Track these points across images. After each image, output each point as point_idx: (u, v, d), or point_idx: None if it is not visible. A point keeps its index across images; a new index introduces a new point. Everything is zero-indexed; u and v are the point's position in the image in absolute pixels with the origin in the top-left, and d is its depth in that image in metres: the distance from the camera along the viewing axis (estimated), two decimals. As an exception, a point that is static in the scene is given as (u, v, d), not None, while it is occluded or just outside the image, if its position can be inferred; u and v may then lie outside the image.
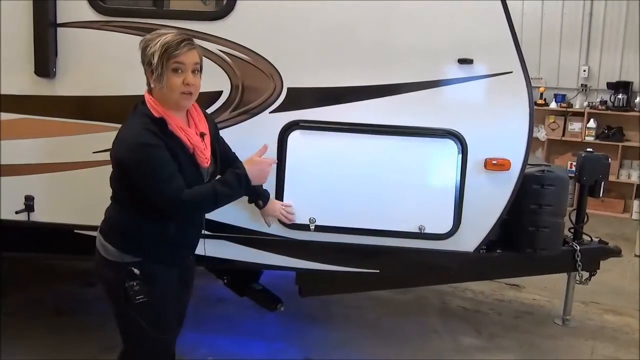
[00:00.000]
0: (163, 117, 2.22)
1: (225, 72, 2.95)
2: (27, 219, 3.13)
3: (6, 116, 3.09)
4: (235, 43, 2.93)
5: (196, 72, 2.26)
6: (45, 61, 2.96)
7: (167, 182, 2.18)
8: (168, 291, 2.41)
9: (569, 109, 7.91)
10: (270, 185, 2.99)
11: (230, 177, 2.32)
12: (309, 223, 3.01)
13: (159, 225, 2.32)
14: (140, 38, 2.61)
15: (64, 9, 2.96)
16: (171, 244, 2.37)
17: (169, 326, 2.44)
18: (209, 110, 2.92)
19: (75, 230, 3.14)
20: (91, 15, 2.95)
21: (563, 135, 7.90)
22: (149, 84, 2.31)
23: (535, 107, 6.60)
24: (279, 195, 3.01)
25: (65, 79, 3.02)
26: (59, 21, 2.97)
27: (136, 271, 2.30)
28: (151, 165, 2.18)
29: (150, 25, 2.89)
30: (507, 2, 2.89)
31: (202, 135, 2.32)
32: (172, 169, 2.20)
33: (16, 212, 3.12)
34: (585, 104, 7.85)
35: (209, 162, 2.34)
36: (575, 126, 7.84)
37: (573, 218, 4.01)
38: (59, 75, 3.01)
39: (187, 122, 2.33)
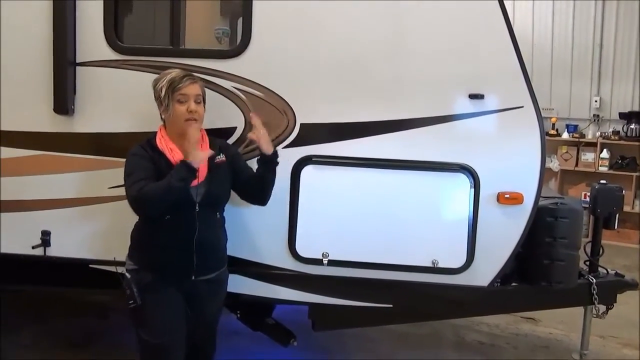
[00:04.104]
0: (154, 138, 2.63)
1: (239, 108, 3.00)
2: (43, 253, 3.17)
3: (24, 152, 3.16)
4: (249, 80, 2.99)
5: (199, 102, 2.63)
6: (64, 99, 3.03)
7: (134, 182, 2.51)
8: (162, 304, 2.63)
9: (581, 139, 7.90)
10: (283, 220, 3.03)
11: (175, 168, 2.53)
12: (322, 257, 3.01)
13: (151, 230, 2.63)
14: (156, 76, 2.72)
15: (83, 48, 3.05)
16: (162, 253, 2.61)
17: (162, 333, 2.63)
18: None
19: (91, 265, 3.17)
20: (109, 54, 3.03)
21: (576, 165, 7.87)
22: (161, 117, 2.68)
23: (548, 137, 6.59)
24: (292, 230, 3.02)
25: (83, 116, 3.09)
26: (78, 60, 3.05)
27: (128, 275, 2.64)
28: (128, 168, 2.59)
29: (166, 63, 2.97)
30: (517, 34, 2.94)
31: None
32: (142, 175, 2.52)
33: (33, 247, 3.16)
34: (598, 134, 7.83)
35: (196, 182, 2.55)
36: (588, 156, 7.81)
37: (588, 250, 3.97)
38: (77, 112, 3.08)
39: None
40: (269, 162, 2.76)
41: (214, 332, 2.92)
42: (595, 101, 7.83)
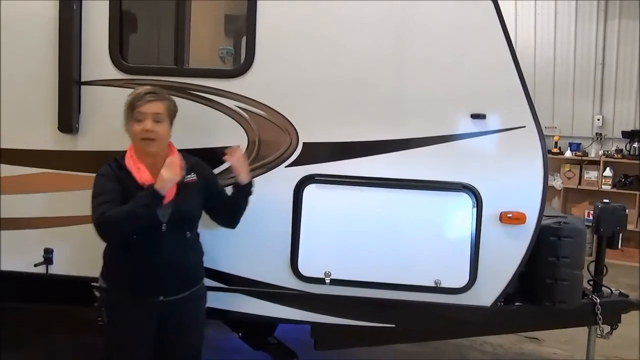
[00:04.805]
0: (123, 157, 2.61)
1: (243, 127, 3.02)
2: (45, 271, 3.17)
3: (28, 170, 3.17)
4: (252, 99, 3.01)
5: (158, 121, 2.55)
6: (68, 118, 3.06)
7: (98, 205, 2.49)
8: (127, 324, 2.61)
9: (584, 158, 7.90)
10: (285, 239, 3.03)
11: (140, 193, 2.50)
12: (324, 277, 3.01)
13: (120, 250, 2.59)
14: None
15: (88, 68, 3.08)
16: (130, 274, 2.59)
17: (125, 352, 2.64)
18: (227, 164, 2.98)
19: (93, 283, 3.16)
20: (114, 73, 3.06)
21: (579, 183, 7.86)
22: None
23: (550, 155, 6.57)
24: (294, 249, 3.02)
25: (87, 134, 3.11)
26: (83, 79, 3.08)
27: (97, 293, 2.66)
28: (95, 189, 2.56)
29: (171, 82, 3.00)
30: (519, 52, 2.97)
31: None
32: (107, 197, 2.50)
33: (35, 265, 3.16)
34: (601, 152, 7.83)
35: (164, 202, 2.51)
36: (591, 175, 7.80)
37: (592, 269, 3.95)
38: (81, 131, 3.11)
39: (157, 166, 2.56)
40: (244, 192, 2.76)
41: (198, 355, 2.82)
42: (598, 119, 7.84)
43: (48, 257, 3.17)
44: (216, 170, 3.00)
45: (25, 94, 3.15)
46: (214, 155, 3.02)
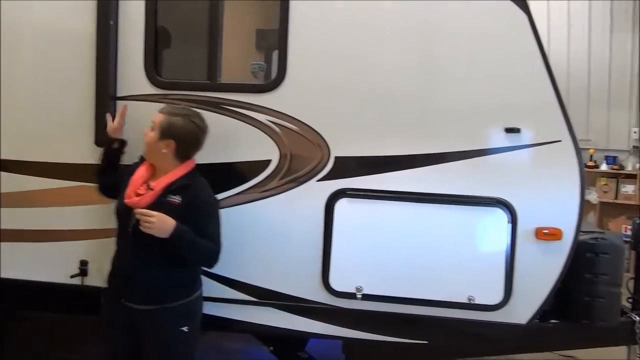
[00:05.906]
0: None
1: (275, 141, 3.04)
2: (81, 283, 3.22)
3: (65, 184, 3.25)
4: (283, 114, 3.03)
5: (152, 129, 2.72)
6: (105, 132, 3.10)
7: None
8: (106, 318, 2.82)
9: (620, 171, 7.73)
10: (317, 253, 3.02)
11: None
12: (355, 291, 2.99)
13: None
14: (194, 109, 2.79)
15: (124, 84, 3.14)
16: (109, 274, 2.83)
17: (106, 345, 2.85)
18: (259, 178, 3.01)
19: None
20: (149, 88, 3.11)
21: (616, 197, 7.68)
22: None
23: (586, 169, 6.43)
24: (326, 263, 3.01)
25: (122, 148, 3.16)
26: (118, 94, 3.14)
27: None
28: None
29: (203, 97, 3.04)
30: (553, 64, 2.93)
31: (148, 186, 2.67)
32: None
33: (71, 277, 3.21)
34: (638, 165, 7.65)
35: (133, 203, 2.65)
36: (628, 188, 7.62)
37: (630, 286, 3.84)
38: (117, 145, 3.15)
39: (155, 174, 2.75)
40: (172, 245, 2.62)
41: None
42: (635, 132, 7.67)
43: (83, 268, 3.23)
44: (242, 187, 3.05)
45: (63, 109, 3.23)
46: (245, 169, 3.05)
